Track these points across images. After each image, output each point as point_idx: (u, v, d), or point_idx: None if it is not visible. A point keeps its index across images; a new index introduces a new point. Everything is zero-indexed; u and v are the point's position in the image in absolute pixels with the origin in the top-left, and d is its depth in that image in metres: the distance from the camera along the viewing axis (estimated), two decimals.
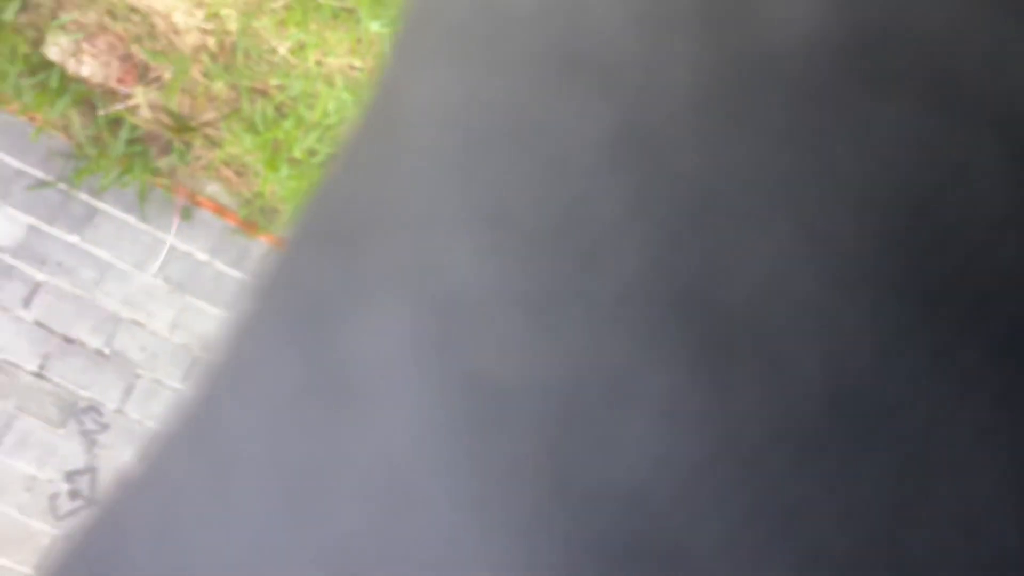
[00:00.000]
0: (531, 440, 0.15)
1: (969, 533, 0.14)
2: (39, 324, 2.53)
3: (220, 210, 2.65)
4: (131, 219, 2.61)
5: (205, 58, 2.54)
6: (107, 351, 2.55)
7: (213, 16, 2.48)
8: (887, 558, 0.14)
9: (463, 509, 0.15)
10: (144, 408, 2.54)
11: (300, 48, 2.46)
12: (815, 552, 0.14)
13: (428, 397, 0.16)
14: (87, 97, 2.57)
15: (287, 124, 2.53)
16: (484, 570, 0.15)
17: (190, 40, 2.53)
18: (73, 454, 2.50)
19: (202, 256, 2.63)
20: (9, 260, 2.53)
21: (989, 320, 0.15)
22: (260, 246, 2.65)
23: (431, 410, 0.16)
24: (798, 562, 0.14)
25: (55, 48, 2.53)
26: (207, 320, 2.60)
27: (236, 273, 2.63)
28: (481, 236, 0.17)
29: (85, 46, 2.54)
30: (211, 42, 2.53)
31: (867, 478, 0.14)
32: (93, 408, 2.52)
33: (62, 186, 2.56)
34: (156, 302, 2.59)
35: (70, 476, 2.49)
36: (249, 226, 2.62)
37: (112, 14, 2.53)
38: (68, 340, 2.54)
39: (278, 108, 2.55)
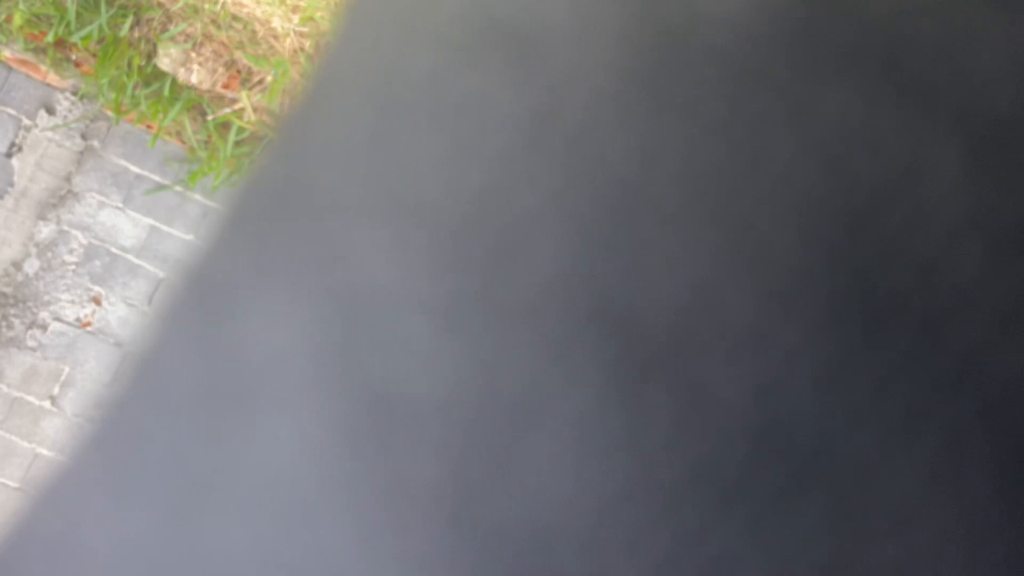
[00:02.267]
0: (431, 462, 0.14)
1: None
2: None
3: None
4: None
5: (303, 60, 2.65)
6: None
7: (308, 20, 2.59)
8: None
9: (355, 535, 0.14)
10: None
11: None
12: None
13: (326, 404, 0.15)
14: (197, 103, 2.72)
15: None
16: None
17: (288, 44, 2.65)
18: None
19: None
20: (134, 260, 2.72)
21: (941, 348, 0.13)
22: None
23: (328, 420, 0.15)
24: None
25: (166, 59, 2.69)
26: None
27: None
28: (389, 227, 0.15)
29: (193, 55, 2.69)
30: (308, 44, 2.64)
31: (796, 530, 0.13)
32: None
33: (178, 188, 2.73)
34: None
35: None
36: None
37: (216, 23, 2.67)
38: None
39: None
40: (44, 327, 2.70)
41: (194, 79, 2.69)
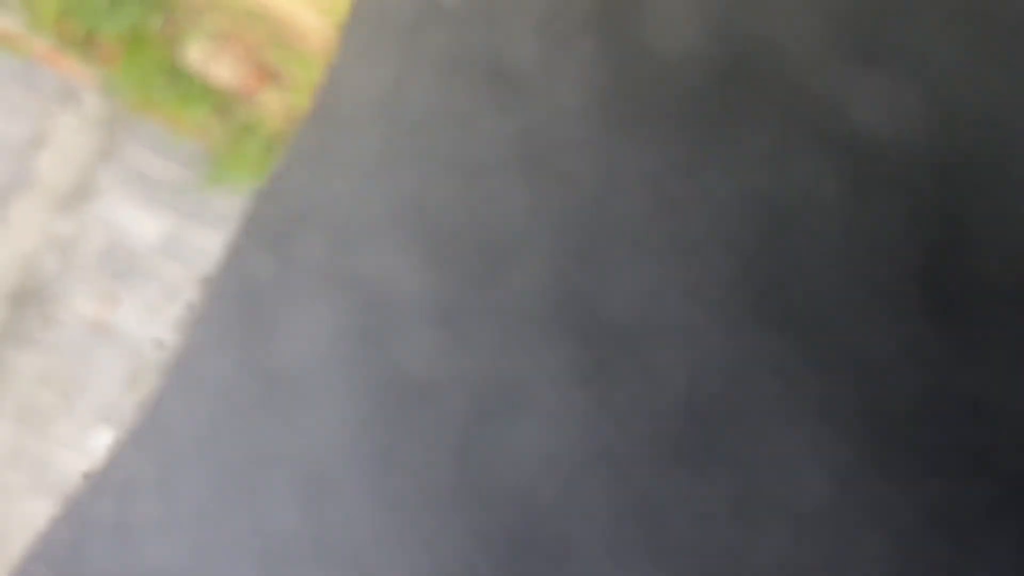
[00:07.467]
0: (438, 439, 0.17)
1: (799, 535, 0.16)
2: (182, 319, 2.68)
3: None
4: None
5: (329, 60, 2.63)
6: None
7: (336, 19, 2.57)
8: (731, 559, 0.16)
9: (380, 507, 0.17)
10: None
11: None
12: (674, 551, 0.16)
13: (351, 392, 0.17)
14: (222, 102, 2.69)
15: None
16: (398, 569, 0.17)
17: (315, 43, 2.63)
18: None
19: None
20: (153, 258, 2.68)
21: (821, 341, 0.15)
22: None
23: (353, 405, 0.17)
24: (661, 558, 0.16)
25: (193, 56, 2.67)
26: None
27: None
28: (398, 237, 0.18)
29: (220, 53, 2.67)
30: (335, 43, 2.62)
31: (714, 482, 0.16)
32: None
33: (200, 187, 2.70)
34: None
35: None
36: None
37: (244, 21, 2.65)
38: None
39: None
40: (60, 325, 2.67)
41: (221, 77, 2.66)
